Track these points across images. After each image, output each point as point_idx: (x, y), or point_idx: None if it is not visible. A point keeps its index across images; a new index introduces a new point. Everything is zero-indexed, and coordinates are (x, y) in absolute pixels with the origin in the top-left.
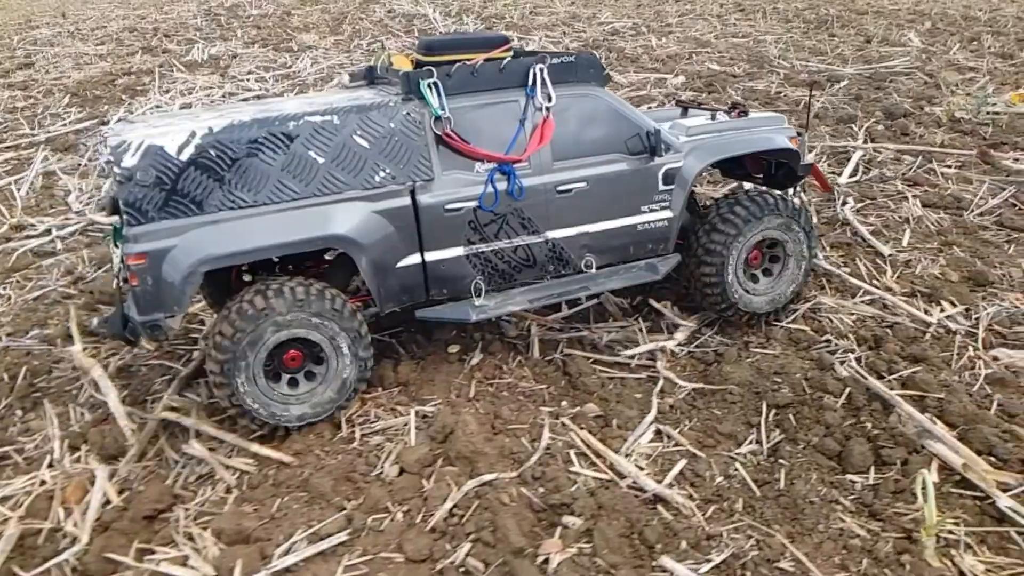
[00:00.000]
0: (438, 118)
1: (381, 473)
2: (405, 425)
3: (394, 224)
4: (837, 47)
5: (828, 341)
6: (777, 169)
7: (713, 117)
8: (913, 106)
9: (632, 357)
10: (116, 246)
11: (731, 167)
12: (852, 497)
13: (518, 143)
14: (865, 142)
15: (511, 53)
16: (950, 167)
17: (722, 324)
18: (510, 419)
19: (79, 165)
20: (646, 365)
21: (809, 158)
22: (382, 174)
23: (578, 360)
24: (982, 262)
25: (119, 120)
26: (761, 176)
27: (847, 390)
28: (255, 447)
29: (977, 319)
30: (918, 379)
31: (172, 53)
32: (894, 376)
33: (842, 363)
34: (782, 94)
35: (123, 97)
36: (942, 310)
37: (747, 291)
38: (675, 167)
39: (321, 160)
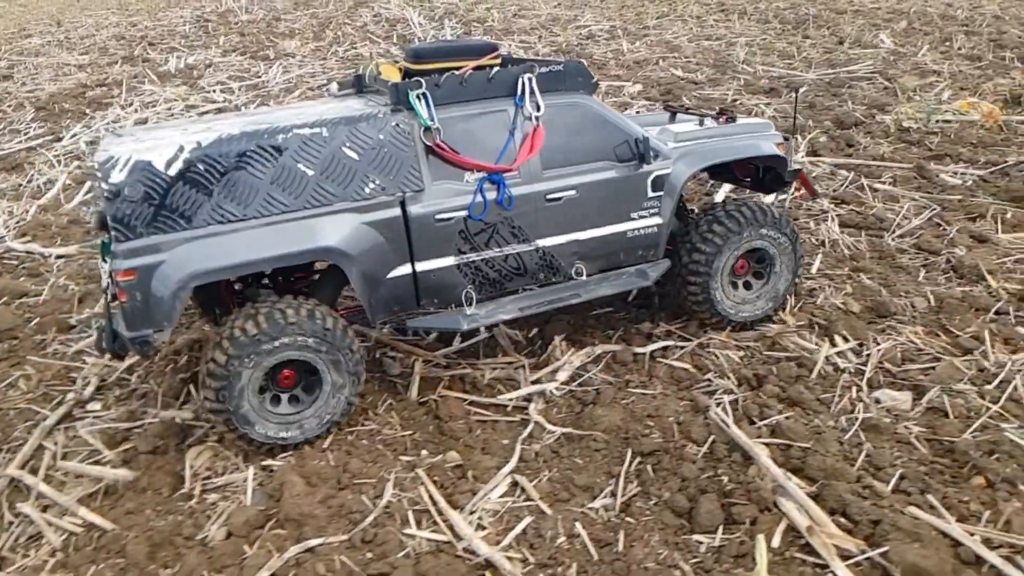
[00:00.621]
0: (428, 129)
1: (206, 537)
2: (245, 481)
3: (384, 235)
4: (806, 50)
5: (709, 381)
6: (765, 174)
7: (701, 123)
8: (865, 114)
9: (511, 400)
10: (105, 261)
11: (719, 171)
12: (693, 561)
13: (508, 153)
14: (806, 155)
15: (499, 60)
16: (884, 183)
17: (608, 361)
18: (359, 472)
19: (19, 186)
20: (522, 407)
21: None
22: (372, 185)
23: (451, 402)
24: (888, 291)
25: (108, 135)
26: (749, 180)
27: (711, 438)
28: (82, 510)
29: (868, 356)
30: (786, 426)
31: (151, 63)
32: (765, 422)
33: (719, 405)
34: (738, 101)
35: (86, 111)
36: (834, 345)
37: (734, 301)
38: (664, 174)
39: (310, 172)
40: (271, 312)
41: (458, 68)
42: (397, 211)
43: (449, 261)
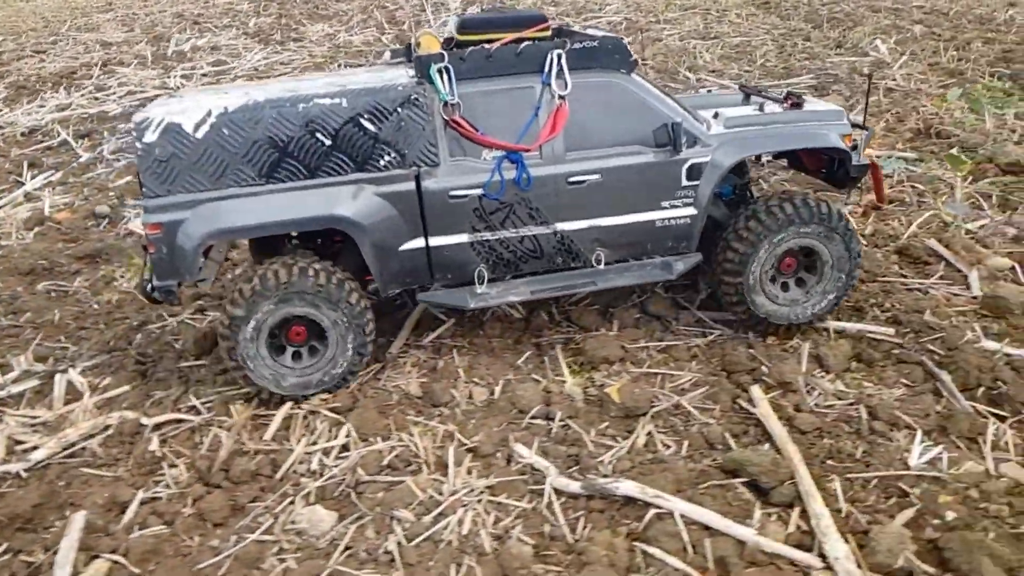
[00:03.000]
0: (446, 103)
1: None
2: None
3: (398, 208)
4: (791, 54)
5: None
6: (839, 166)
7: (761, 108)
8: None
9: None
10: None
11: (794, 161)
12: None
13: (530, 131)
14: None
15: (548, 32)
16: None
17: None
18: None
19: None
20: None
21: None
22: (387, 158)
23: None
24: None
25: (162, 97)
26: (823, 172)
27: None
28: None
29: None
30: None
31: (160, 44)
32: None
33: None
34: None
35: (48, 93)
36: None
37: (772, 300)
38: (701, 162)
39: (328, 142)
40: (265, 273)
41: (505, 39)
42: (411, 185)
43: (463, 238)
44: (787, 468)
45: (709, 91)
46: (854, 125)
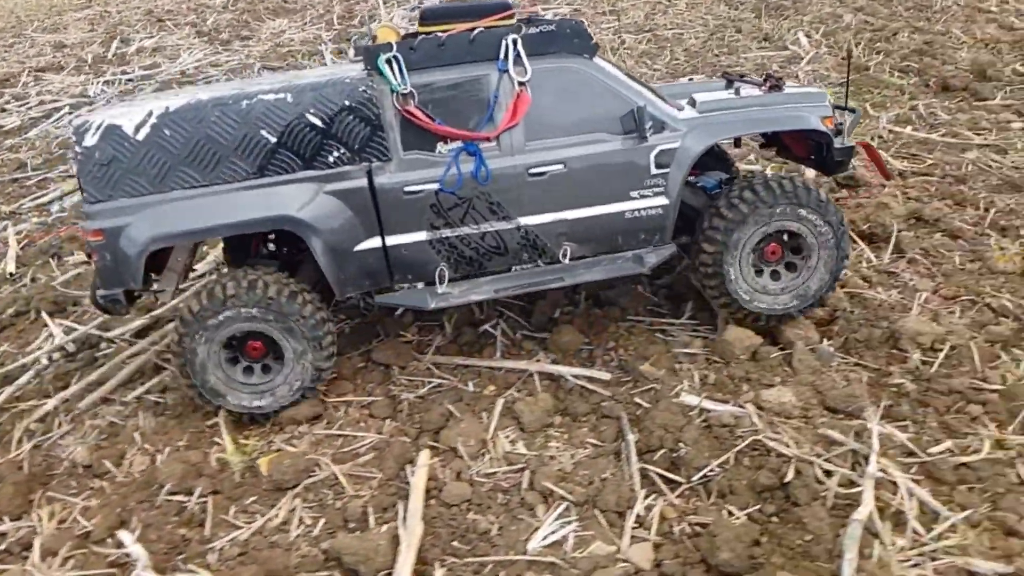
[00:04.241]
0: (398, 94)
1: None
2: None
3: (350, 206)
4: (710, 49)
5: None
6: (828, 151)
7: (737, 92)
8: None
9: None
10: None
11: (781, 148)
12: None
13: (487, 122)
14: None
15: (512, 20)
16: None
17: None
18: None
19: None
20: None
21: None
22: (336, 154)
23: None
24: None
25: (118, 100)
26: (811, 159)
27: None
28: None
29: None
30: None
31: (114, 43)
32: None
33: None
34: None
35: None
36: None
37: (756, 288)
38: (670, 148)
39: (273, 139)
40: (212, 287)
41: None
42: (363, 181)
43: (421, 236)
44: (389, 555)
45: (691, 79)
46: (839, 107)
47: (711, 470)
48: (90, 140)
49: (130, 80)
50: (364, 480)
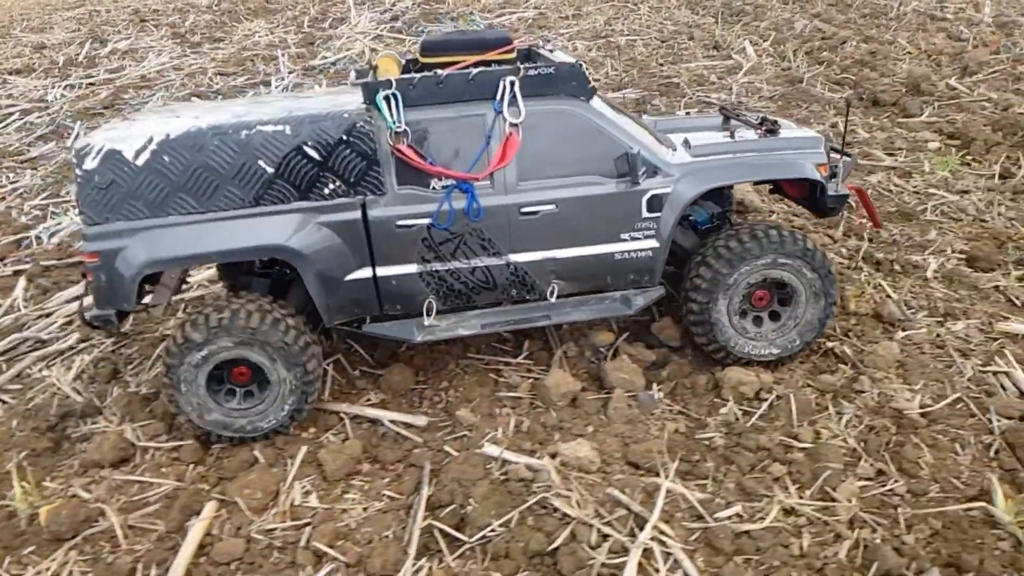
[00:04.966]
0: (392, 132)
1: None
2: None
3: (343, 237)
4: (655, 59)
5: None
6: (822, 194)
7: (732, 135)
8: None
9: None
10: None
11: (776, 187)
12: None
13: (480, 160)
14: None
15: (513, 55)
16: None
17: None
18: None
19: None
20: None
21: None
22: (332, 186)
23: None
24: None
25: (117, 119)
26: (806, 200)
27: None
28: None
29: None
30: None
31: (92, 44)
32: None
33: None
34: None
35: None
36: None
37: (744, 334)
38: (662, 192)
39: (270, 170)
40: (196, 317)
41: (467, 62)
42: (357, 214)
43: (411, 269)
44: None
45: (687, 113)
46: (834, 150)
47: (492, 530)
48: (90, 163)
49: (92, 84)
50: (145, 532)
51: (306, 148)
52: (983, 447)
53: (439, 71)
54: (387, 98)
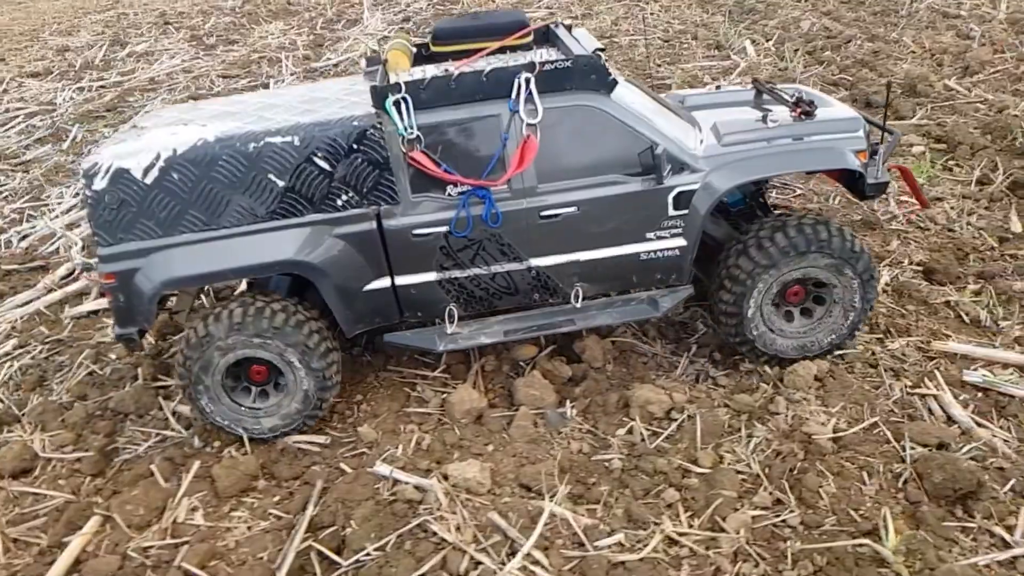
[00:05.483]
0: (405, 139)
1: None
2: None
3: (359, 249)
4: (653, 58)
5: None
6: (861, 180)
7: (764, 119)
8: None
9: None
10: None
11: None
12: None
13: (497, 164)
14: None
15: (529, 39)
16: None
17: None
18: None
19: None
20: None
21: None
22: (345, 197)
23: None
24: None
25: (126, 128)
26: (843, 181)
27: None
28: None
29: None
30: None
31: (114, 47)
32: None
33: None
34: None
35: None
36: None
37: (772, 329)
38: (689, 189)
39: (281, 183)
40: (219, 313)
41: (481, 50)
42: (372, 224)
43: (430, 276)
44: None
45: (718, 87)
46: (875, 125)
47: (367, 554)
48: (99, 184)
49: (102, 87)
50: (28, 546)
51: (316, 159)
52: (892, 477)
53: (450, 69)
54: (397, 103)
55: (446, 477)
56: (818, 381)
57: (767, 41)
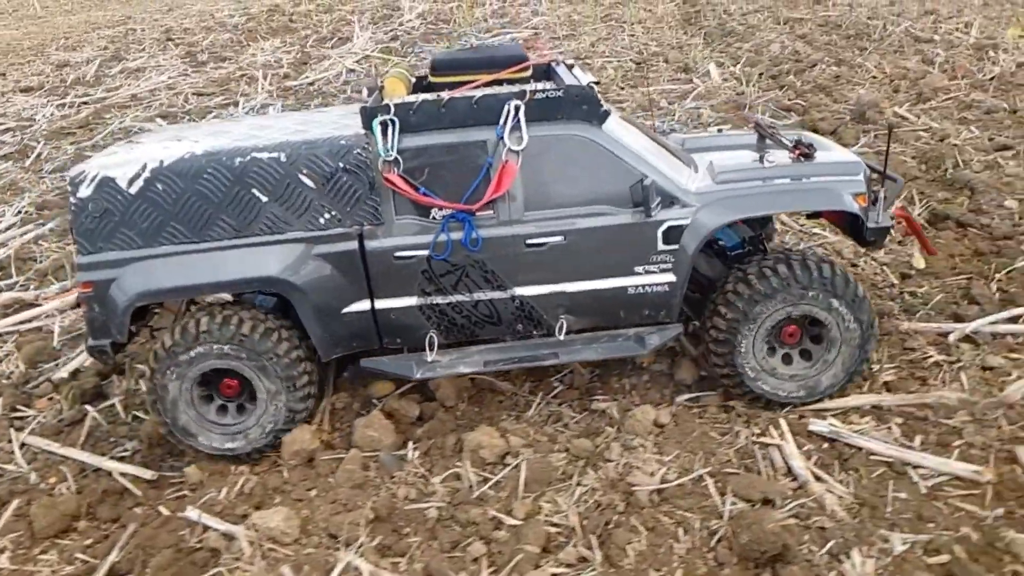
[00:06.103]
0: (384, 160)
1: None
2: None
3: (340, 269)
4: (615, 82)
5: None
6: (862, 225)
7: (762, 159)
8: None
9: None
10: None
11: (814, 212)
12: None
13: (478, 189)
14: None
15: (527, 73)
16: None
17: None
18: None
19: None
20: None
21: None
22: (327, 216)
23: None
24: None
25: (122, 143)
26: (844, 228)
27: None
28: None
29: None
30: None
31: (111, 63)
32: None
33: None
34: None
35: None
36: None
37: (764, 368)
38: (680, 224)
39: (264, 199)
40: (186, 322)
41: (477, 81)
42: (353, 244)
43: (411, 301)
44: None
45: (720, 131)
46: (875, 171)
47: None
48: (84, 192)
49: (84, 103)
50: None
51: (301, 176)
52: (708, 534)
53: (442, 94)
54: (383, 124)
55: (254, 525)
56: (659, 427)
57: (735, 64)
